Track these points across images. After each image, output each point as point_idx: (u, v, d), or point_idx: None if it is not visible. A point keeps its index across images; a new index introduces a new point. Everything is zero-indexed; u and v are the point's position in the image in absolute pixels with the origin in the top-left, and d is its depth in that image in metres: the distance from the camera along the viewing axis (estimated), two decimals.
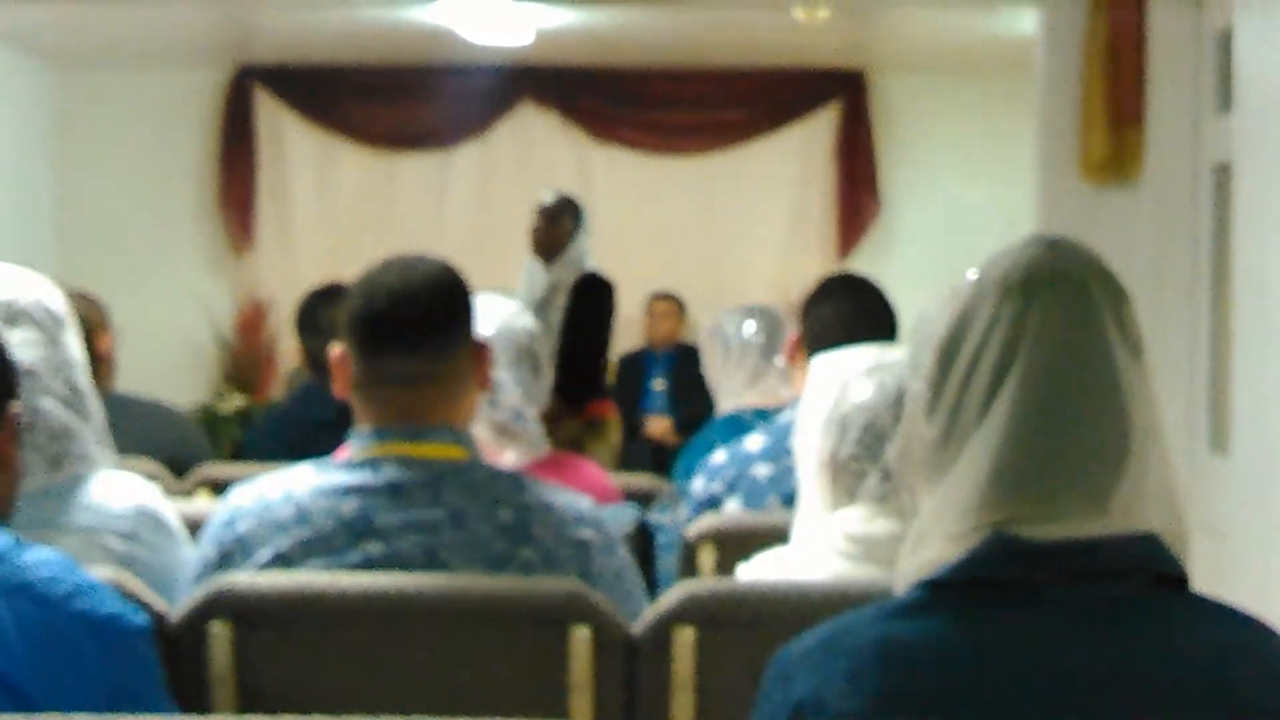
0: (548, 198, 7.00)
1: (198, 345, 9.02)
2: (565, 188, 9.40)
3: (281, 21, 8.11)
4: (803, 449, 2.56)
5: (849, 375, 2.54)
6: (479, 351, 2.52)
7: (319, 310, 4.56)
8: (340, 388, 2.50)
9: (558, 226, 6.90)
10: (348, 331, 2.48)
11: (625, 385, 8.60)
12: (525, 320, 3.28)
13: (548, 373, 3.32)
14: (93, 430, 2.53)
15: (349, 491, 2.41)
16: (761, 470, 3.35)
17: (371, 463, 2.43)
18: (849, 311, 3.53)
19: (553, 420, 5.97)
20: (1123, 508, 1.48)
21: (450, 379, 2.48)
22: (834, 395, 2.53)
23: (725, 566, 2.98)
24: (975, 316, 1.53)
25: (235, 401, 8.69)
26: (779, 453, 3.32)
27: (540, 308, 6.63)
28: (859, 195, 9.28)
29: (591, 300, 6.81)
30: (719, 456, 3.43)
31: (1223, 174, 4.96)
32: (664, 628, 2.37)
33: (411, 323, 2.46)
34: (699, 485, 3.40)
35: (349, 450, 2.47)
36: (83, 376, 2.53)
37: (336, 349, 2.50)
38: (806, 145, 9.34)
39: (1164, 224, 5.32)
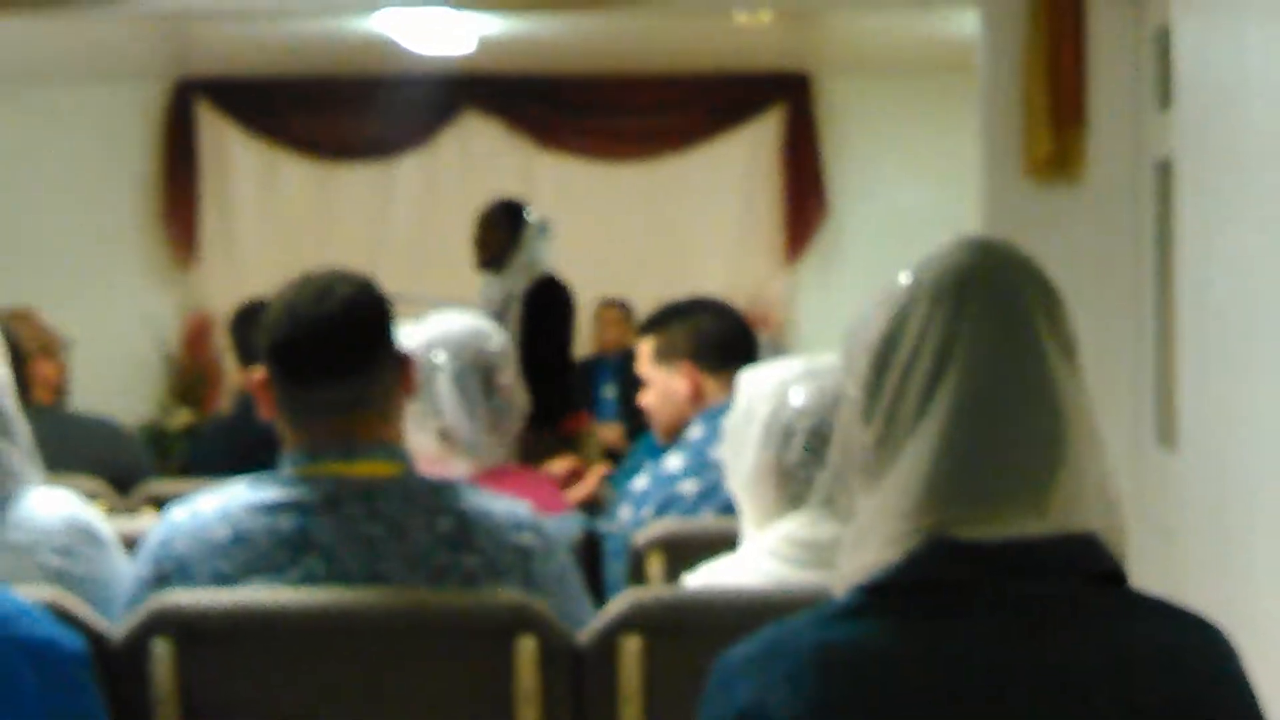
0: (488, 206, 6.83)
1: (143, 361, 8.95)
2: (510, 196, 9.39)
3: (222, 34, 8.07)
4: (737, 457, 2.56)
5: (784, 383, 2.54)
6: (403, 362, 2.51)
7: (252, 326, 4.54)
8: (267, 411, 2.49)
9: (494, 233, 6.67)
10: (269, 361, 2.46)
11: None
12: (478, 336, 3.29)
13: (511, 387, 3.31)
14: (20, 450, 2.51)
15: (286, 508, 2.39)
16: (688, 487, 3.35)
17: (307, 479, 2.41)
18: (732, 328, 3.62)
19: (526, 440, 5.89)
20: (1060, 507, 1.48)
21: (380, 399, 2.47)
22: (772, 404, 2.53)
23: (674, 574, 2.97)
24: (909, 320, 1.53)
25: (182, 417, 8.63)
26: (702, 469, 3.33)
27: (499, 321, 6.44)
28: (805, 198, 9.28)
29: (545, 307, 6.53)
30: (640, 483, 3.42)
31: (1164, 171, 4.98)
32: (610, 636, 2.36)
33: (337, 354, 2.44)
34: (626, 514, 3.39)
35: (282, 468, 2.45)
36: (7, 398, 2.51)
37: (257, 374, 2.48)
38: (752, 149, 9.34)
39: (1107, 221, 5.34)
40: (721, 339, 3.59)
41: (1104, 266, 5.29)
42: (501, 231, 6.57)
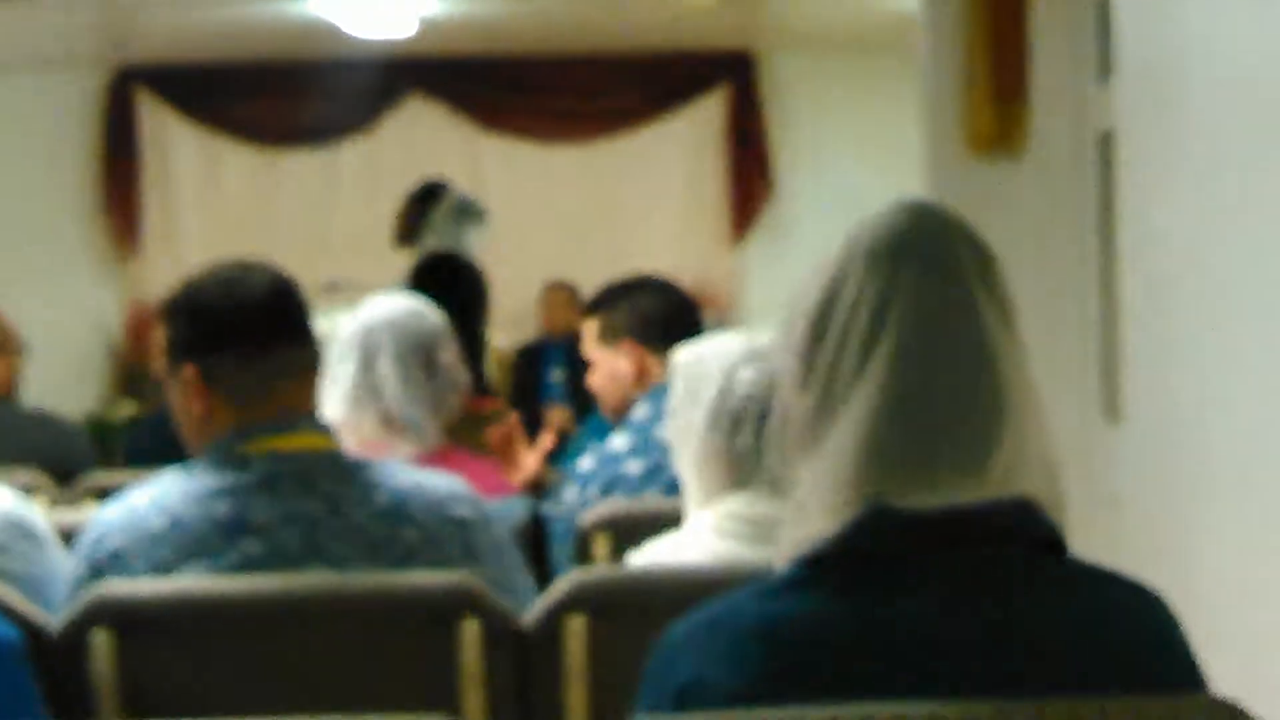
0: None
1: (86, 353, 8.90)
2: (455, 179, 9.32)
3: (161, 20, 8.01)
4: (683, 440, 2.55)
5: (728, 366, 2.53)
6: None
7: None
8: (200, 407, 2.44)
9: (408, 210, 6.61)
10: (218, 339, 2.43)
11: (524, 376, 8.56)
12: (417, 316, 3.29)
13: (452, 364, 3.31)
14: None
15: (220, 492, 2.37)
16: (633, 467, 3.35)
17: (240, 460, 2.39)
18: (675, 305, 3.61)
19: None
20: (1000, 473, 1.47)
21: (318, 366, 2.51)
22: (717, 387, 2.52)
23: (620, 554, 2.96)
24: (843, 286, 1.51)
25: (126, 409, 8.57)
26: (647, 448, 3.33)
27: None
28: (751, 177, 9.29)
29: (431, 284, 6.31)
30: (586, 463, 3.41)
31: (1106, 142, 4.99)
32: (555, 617, 2.35)
33: (287, 316, 2.47)
34: (572, 495, 3.38)
35: (212, 453, 2.42)
36: None
37: (187, 371, 2.44)
38: (697, 128, 9.35)
39: (1051, 193, 5.35)
40: (664, 317, 3.59)
41: (1048, 240, 5.30)
42: (413, 209, 6.54)
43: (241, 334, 2.43)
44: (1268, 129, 3.36)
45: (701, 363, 2.56)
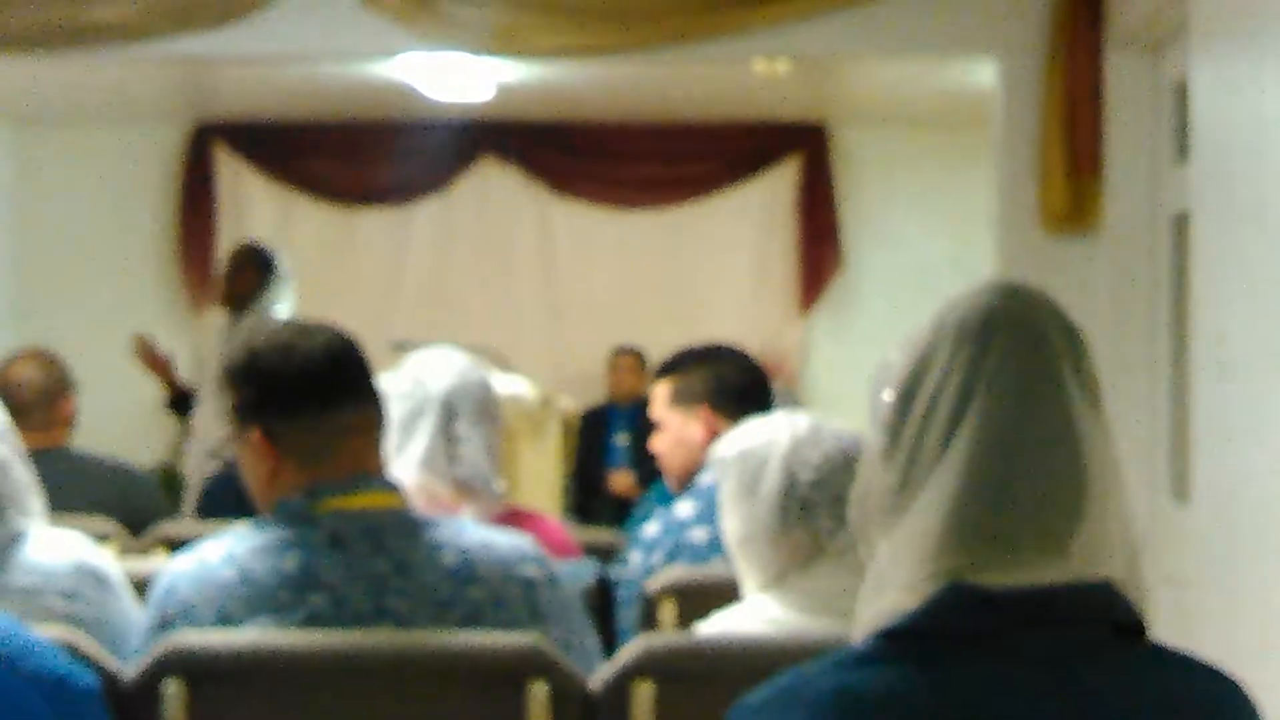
0: (238, 246, 6.73)
1: (158, 403, 8.96)
2: (526, 242, 9.36)
3: (241, 78, 8.11)
4: (747, 532, 2.56)
5: (787, 453, 2.54)
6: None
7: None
8: (267, 467, 2.47)
9: (242, 274, 6.59)
10: (281, 402, 2.45)
11: (588, 440, 8.58)
12: (480, 373, 3.29)
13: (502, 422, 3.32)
14: (27, 492, 2.52)
15: (289, 548, 2.39)
16: (698, 534, 3.34)
17: (309, 518, 2.41)
18: (752, 376, 3.62)
19: None
20: (1082, 554, 1.47)
21: (381, 425, 2.51)
22: (780, 479, 2.53)
23: (686, 621, 2.97)
24: (932, 361, 1.52)
25: None
26: (712, 514, 3.32)
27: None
28: (821, 248, 9.29)
29: None
30: (651, 529, 3.41)
31: (1181, 223, 4.98)
32: (623, 682, 2.36)
33: (353, 371, 2.49)
34: (636, 559, 3.38)
35: (282, 511, 2.45)
36: (8, 442, 2.52)
37: (253, 433, 2.47)
38: (768, 198, 9.36)
39: (1123, 273, 5.34)
40: (741, 386, 3.60)
41: (1119, 319, 5.29)
42: (249, 274, 6.55)
43: (303, 396, 2.45)
44: None
45: (755, 457, 2.57)
